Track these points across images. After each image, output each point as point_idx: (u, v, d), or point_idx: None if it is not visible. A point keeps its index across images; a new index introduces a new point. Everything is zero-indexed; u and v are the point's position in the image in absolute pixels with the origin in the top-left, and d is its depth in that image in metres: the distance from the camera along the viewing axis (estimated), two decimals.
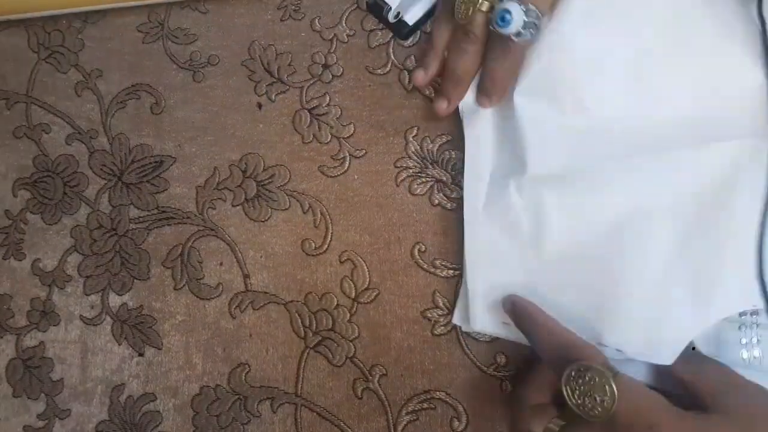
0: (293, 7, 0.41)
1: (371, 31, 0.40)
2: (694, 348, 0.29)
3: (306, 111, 0.40)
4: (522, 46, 0.32)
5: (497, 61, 0.34)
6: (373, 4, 0.39)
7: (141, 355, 0.39)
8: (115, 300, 0.40)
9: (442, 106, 0.36)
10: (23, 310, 0.40)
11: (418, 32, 0.40)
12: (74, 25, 0.43)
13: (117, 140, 0.41)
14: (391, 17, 0.39)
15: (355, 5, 0.41)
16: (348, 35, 0.41)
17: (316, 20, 0.41)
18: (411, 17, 0.39)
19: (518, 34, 0.31)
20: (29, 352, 0.40)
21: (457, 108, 0.37)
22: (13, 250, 0.41)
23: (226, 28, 0.42)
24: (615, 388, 0.25)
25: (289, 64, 0.41)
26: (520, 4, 0.30)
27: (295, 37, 0.41)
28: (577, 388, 0.26)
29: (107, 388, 0.39)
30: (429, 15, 0.40)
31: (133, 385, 0.39)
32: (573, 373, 0.26)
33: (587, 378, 0.26)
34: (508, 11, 0.30)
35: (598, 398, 0.26)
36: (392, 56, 0.40)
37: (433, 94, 0.39)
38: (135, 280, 0.39)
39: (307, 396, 0.37)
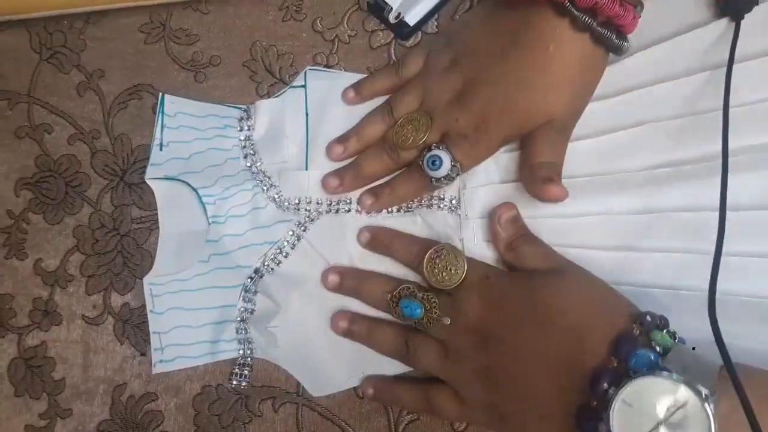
0: (295, 7, 0.41)
1: (373, 31, 0.40)
2: (694, 348, 0.29)
3: None
4: (433, 186, 0.35)
5: (406, 183, 0.37)
6: (374, 5, 0.39)
7: (143, 354, 0.39)
8: (117, 300, 0.40)
9: (333, 184, 0.38)
10: (25, 309, 0.40)
11: (419, 32, 0.40)
12: (76, 26, 0.43)
13: (119, 140, 0.41)
14: (392, 18, 0.39)
15: (357, 6, 0.41)
16: (349, 36, 0.41)
17: (318, 21, 0.41)
18: (412, 18, 0.39)
19: (438, 179, 0.34)
20: (31, 351, 0.40)
21: None
22: (15, 250, 0.41)
23: (228, 29, 0.42)
24: (465, 260, 0.33)
25: (291, 65, 0.41)
26: (451, 159, 0.34)
27: (296, 38, 0.41)
28: (436, 266, 0.33)
29: (109, 387, 0.39)
30: (430, 15, 0.40)
31: (134, 385, 0.39)
32: (433, 254, 0.34)
33: (443, 256, 0.33)
34: (440, 159, 0.34)
35: (454, 269, 0.33)
36: (394, 57, 0.40)
37: None
38: (137, 280, 0.39)
39: (308, 395, 0.37)
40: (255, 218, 0.38)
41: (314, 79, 0.40)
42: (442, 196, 0.37)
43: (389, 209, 0.38)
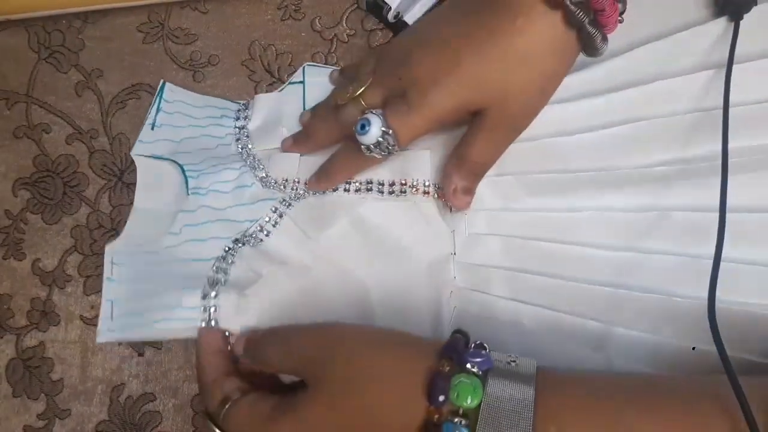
0: (293, 7, 0.41)
1: (371, 31, 0.40)
2: (694, 348, 0.29)
3: None
4: (366, 159, 0.33)
5: (342, 155, 0.35)
6: (373, 4, 0.39)
7: (141, 355, 0.39)
8: None
9: (287, 143, 0.38)
10: (23, 310, 0.40)
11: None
12: (74, 25, 0.43)
13: (117, 140, 0.41)
14: (391, 17, 0.39)
15: (356, 5, 0.41)
16: (348, 35, 0.41)
17: (317, 20, 0.41)
18: (411, 17, 0.39)
19: (368, 148, 0.31)
20: (29, 352, 0.40)
21: None
22: (13, 250, 0.41)
23: (227, 28, 0.42)
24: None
25: (290, 64, 0.41)
26: (382, 124, 0.31)
27: (295, 37, 0.41)
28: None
29: (107, 387, 0.39)
30: None
31: (132, 385, 0.39)
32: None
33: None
34: (368, 122, 0.30)
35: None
36: None
37: None
38: None
39: None
40: (239, 196, 0.37)
41: (312, 75, 0.40)
42: (438, 185, 0.36)
43: (381, 190, 0.36)
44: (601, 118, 0.34)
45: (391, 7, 0.38)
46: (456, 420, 0.24)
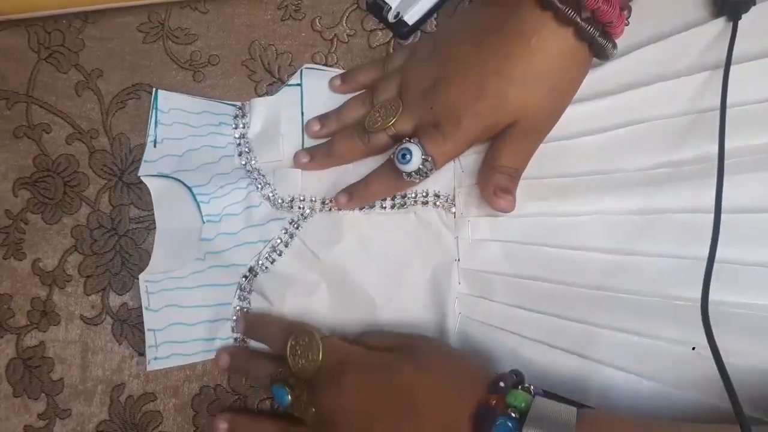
0: (293, 7, 0.41)
1: (372, 31, 0.40)
2: (693, 348, 0.29)
3: None
4: (406, 182, 0.34)
5: (379, 178, 0.36)
6: (373, 4, 0.39)
7: (141, 354, 0.39)
8: (115, 300, 0.40)
9: (303, 159, 0.38)
10: (23, 309, 0.40)
11: (418, 32, 0.40)
12: (74, 25, 0.43)
13: (117, 140, 0.41)
14: (391, 17, 0.39)
15: (356, 5, 0.41)
16: (348, 35, 0.41)
17: (317, 20, 0.41)
18: (411, 17, 0.39)
19: (409, 174, 0.33)
20: (29, 351, 0.40)
21: None
22: (13, 250, 0.41)
23: (227, 28, 0.42)
24: (321, 344, 0.31)
25: (290, 64, 0.41)
26: (422, 153, 0.33)
27: (295, 37, 0.41)
28: (296, 353, 0.32)
29: (107, 387, 0.39)
30: (429, 15, 0.40)
31: (133, 385, 0.39)
32: (293, 341, 0.32)
33: (302, 342, 0.32)
34: (410, 152, 0.33)
35: (311, 356, 0.31)
36: None
37: None
38: (135, 280, 0.39)
39: None
40: (249, 216, 0.38)
41: (310, 77, 0.40)
42: (437, 193, 0.37)
43: (383, 205, 0.37)
44: (602, 120, 0.34)
45: (391, 7, 0.38)
46: None
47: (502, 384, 0.27)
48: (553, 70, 0.31)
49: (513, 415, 0.26)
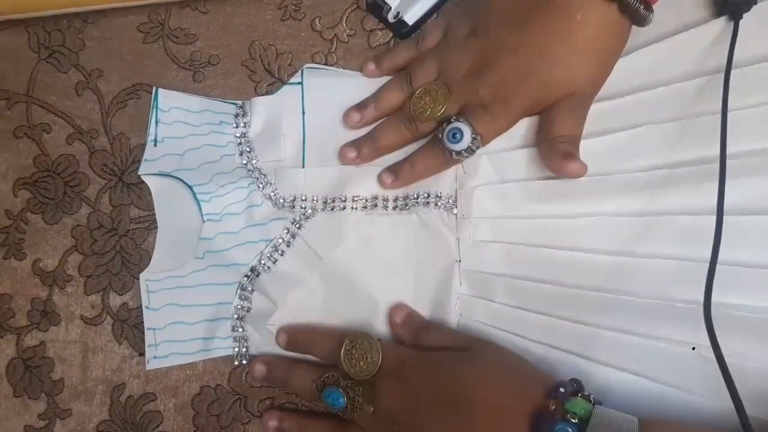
0: (293, 7, 0.41)
1: (371, 30, 0.40)
2: (694, 348, 0.29)
3: None
4: (453, 160, 0.35)
5: (426, 158, 0.36)
6: (372, 4, 0.39)
7: (141, 354, 0.39)
8: (115, 300, 0.40)
9: (350, 155, 0.37)
10: (24, 309, 0.40)
11: (418, 32, 0.40)
12: (74, 25, 0.43)
13: (117, 140, 0.41)
14: (390, 17, 0.39)
15: (356, 5, 0.41)
16: (348, 35, 0.41)
17: (317, 20, 0.41)
18: (411, 17, 0.39)
19: (458, 153, 0.34)
20: (30, 351, 0.40)
21: None
22: (13, 250, 0.41)
23: (227, 28, 0.42)
24: (379, 346, 0.32)
25: (290, 64, 0.41)
26: (472, 132, 0.33)
27: (295, 37, 0.41)
28: (353, 357, 0.32)
29: (108, 387, 0.39)
30: (429, 14, 0.40)
31: (133, 385, 0.39)
32: (348, 345, 0.32)
33: (359, 345, 0.32)
34: (460, 131, 0.33)
35: (369, 358, 0.32)
36: None
37: None
38: (135, 280, 0.39)
39: None
40: (250, 216, 0.38)
41: (311, 76, 0.40)
42: (439, 194, 0.37)
43: (385, 206, 0.37)
44: (603, 123, 0.34)
45: (391, 7, 0.38)
46: None
47: (562, 390, 0.27)
48: (598, 45, 0.32)
49: (573, 420, 0.26)
